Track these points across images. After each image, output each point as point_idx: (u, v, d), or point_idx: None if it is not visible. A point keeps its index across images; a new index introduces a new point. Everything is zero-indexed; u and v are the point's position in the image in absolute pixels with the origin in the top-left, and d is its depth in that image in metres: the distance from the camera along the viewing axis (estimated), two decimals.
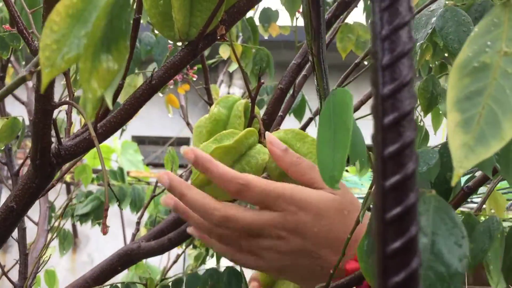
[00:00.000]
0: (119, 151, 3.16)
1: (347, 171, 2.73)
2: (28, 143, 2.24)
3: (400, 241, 0.25)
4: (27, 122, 0.83)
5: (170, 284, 0.74)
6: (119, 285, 0.74)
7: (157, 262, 2.54)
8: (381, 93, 0.27)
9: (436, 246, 0.31)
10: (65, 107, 0.74)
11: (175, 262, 1.45)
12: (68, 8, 0.29)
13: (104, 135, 0.56)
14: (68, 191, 2.94)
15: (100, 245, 5.03)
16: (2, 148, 0.88)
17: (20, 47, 0.96)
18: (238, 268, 0.67)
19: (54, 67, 0.28)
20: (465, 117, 0.32)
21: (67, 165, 0.95)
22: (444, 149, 0.54)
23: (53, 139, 0.57)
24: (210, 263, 1.80)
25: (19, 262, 0.92)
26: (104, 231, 0.44)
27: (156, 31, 1.12)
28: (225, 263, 1.68)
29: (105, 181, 0.43)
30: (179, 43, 0.59)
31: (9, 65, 1.36)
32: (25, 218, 1.08)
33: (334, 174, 0.37)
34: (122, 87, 0.57)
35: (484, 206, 0.75)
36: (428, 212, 0.33)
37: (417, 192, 0.26)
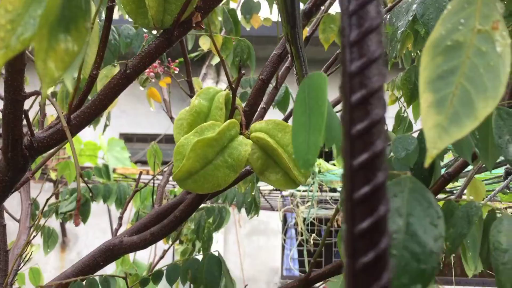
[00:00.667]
0: (105, 148, 3.14)
1: (334, 164, 2.73)
2: None
3: (369, 221, 0.24)
4: None
5: (150, 276, 0.72)
6: (97, 278, 0.73)
7: (145, 258, 2.53)
8: (349, 70, 0.26)
9: (411, 227, 0.31)
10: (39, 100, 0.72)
11: (161, 257, 1.44)
12: None
13: (78, 126, 0.55)
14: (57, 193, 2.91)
15: (89, 243, 5.00)
16: None
17: None
18: (216, 254, 0.66)
19: (9, 48, 0.27)
20: (438, 97, 0.32)
21: (46, 156, 0.93)
22: (422, 135, 0.54)
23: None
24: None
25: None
26: (77, 222, 0.43)
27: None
28: None
29: (77, 172, 0.42)
30: (155, 32, 0.58)
31: None
32: (6, 215, 1.06)
33: (308, 157, 0.36)
34: (96, 77, 0.56)
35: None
36: (403, 193, 0.33)
37: (386, 171, 0.25)
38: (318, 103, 0.36)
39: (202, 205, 1.69)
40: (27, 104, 0.58)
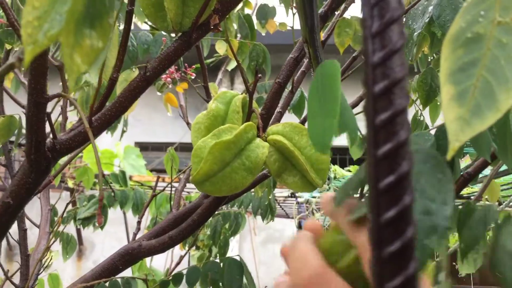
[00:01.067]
0: (121, 156, 3.16)
1: (349, 171, 2.72)
2: None
3: (394, 210, 0.24)
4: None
5: (171, 279, 0.73)
6: (119, 279, 0.74)
7: (161, 266, 2.53)
8: (371, 61, 0.26)
9: (419, 185, 0.30)
10: (61, 104, 0.73)
11: (178, 263, 1.44)
12: None
13: (99, 128, 0.55)
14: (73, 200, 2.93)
15: (105, 251, 5.03)
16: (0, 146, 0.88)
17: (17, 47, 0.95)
18: (238, 258, 0.66)
19: (36, 44, 0.27)
20: (459, 90, 0.32)
21: (65, 159, 0.94)
22: (440, 131, 0.53)
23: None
24: None
25: (20, 263, 0.91)
26: (99, 221, 0.43)
27: (154, 30, 1.12)
28: None
29: (99, 171, 0.43)
30: (173, 35, 0.59)
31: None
32: (26, 221, 1.07)
33: (325, 140, 0.35)
34: (116, 80, 0.57)
35: None
36: None
37: (410, 161, 0.25)
38: (331, 88, 0.36)
39: (218, 211, 1.69)
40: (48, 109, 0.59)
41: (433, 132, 0.63)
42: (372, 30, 0.26)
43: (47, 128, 0.56)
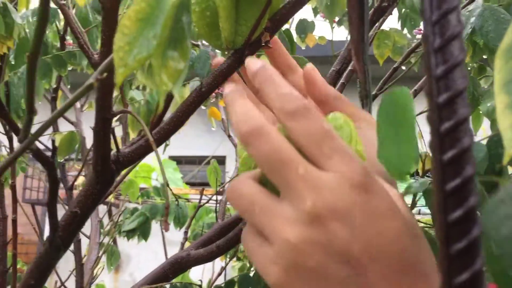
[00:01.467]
0: (159, 170, 3.23)
1: None
2: (76, 165, 2.32)
3: (460, 211, 0.26)
4: None
5: (223, 285, 0.75)
6: (178, 284, 0.77)
7: (197, 277, 2.56)
8: (435, 75, 0.28)
9: None
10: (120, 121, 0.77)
11: (220, 274, 1.47)
12: (138, 13, 0.32)
13: (158, 141, 0.59)
14: (110, 214, 2.99)
15: (141, 264, 5.10)
16: (61, 161, 0.93)
17: (69, 70, 1.01)
18: None
19: (127, 67, 0.31)
20: None
21: (123, 174, 0.99)
22: (491, 142, 0.55)
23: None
24: None
25: (75, 271, 0.96)
26: (166, 228, 0.46)
27: (195, 47, 1.16)
28: None
29: (162, 175, 0.46)
30: (226, 52, 0.62)
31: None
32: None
33: (403, 169, 0.36)
34: (173, 95, 0.60)
35: None
36: None
37: (473, 165, 0.27)
38: (406, 115, 0.37)
39: None
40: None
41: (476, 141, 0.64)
42: (435, 46, 0.29)
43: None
